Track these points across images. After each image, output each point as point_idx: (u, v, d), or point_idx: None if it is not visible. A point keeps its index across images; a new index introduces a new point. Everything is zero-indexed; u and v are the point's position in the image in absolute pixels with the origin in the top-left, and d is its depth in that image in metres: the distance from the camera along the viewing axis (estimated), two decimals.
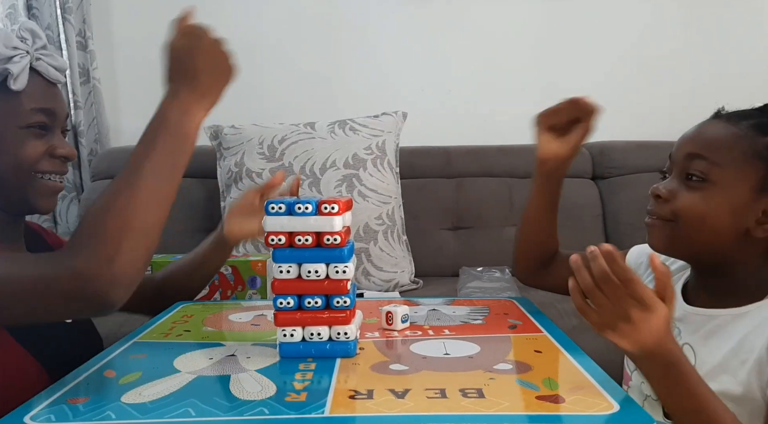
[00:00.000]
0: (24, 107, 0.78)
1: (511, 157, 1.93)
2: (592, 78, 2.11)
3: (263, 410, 0.56)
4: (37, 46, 0.80)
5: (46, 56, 0.80)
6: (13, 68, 0.76)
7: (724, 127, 0.77)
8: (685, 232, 0.77)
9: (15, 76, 0.76)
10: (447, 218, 1.86)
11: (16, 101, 0.77)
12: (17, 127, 0.78)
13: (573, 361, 0.70)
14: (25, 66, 0.77)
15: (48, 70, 0.80)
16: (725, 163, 0.75)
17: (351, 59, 2.06)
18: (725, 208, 0.75)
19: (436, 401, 0.58)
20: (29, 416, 0.56)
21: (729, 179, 0.74)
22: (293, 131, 1.72)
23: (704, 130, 0.79)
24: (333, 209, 0.71)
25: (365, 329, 0.83)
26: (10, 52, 0.76)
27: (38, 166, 0.80)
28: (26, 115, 0.78)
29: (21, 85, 0.77)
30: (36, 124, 0.79)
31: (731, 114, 0.79)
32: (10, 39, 0.76)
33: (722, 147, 0.75)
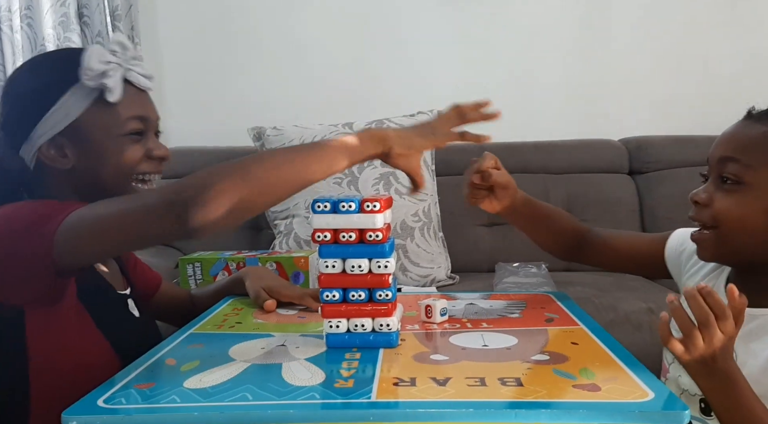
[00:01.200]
0: (121, 117, 0.83)
1: (547, 154, 1.94)
2: (628, 73, 2.09)
3: (314, 395, 0.61)
4: (127, 57, 0.83)
5: (135, 66, 0.84)
6: (109, 82, 0.80)
7: (755, 127, 0.77)
8: (727, 237, 0.78)
9: (111, 90, 0.80)
10: (482, 214, 1.87)
11: (114, 112, 0.82)
12: (117, 136, 0.83)
13: (609, 352, 0.72)
14: (119, 79, 0.82)
15: (138, 79, 0.85)
16: (758, 164, 0.75)
17: (387, 60, 2.09)
18: (761, 209, 0.75)
19: (476, 389, 0.61)
20: (102, 400, 0.61)
21: (763, 180, 0.75)
22: (332, 131, 1.76)
23: (736, 132, 0.79)
24: (375, 207, 0.75)
25: (405, 322, 0.87)
26: (104, 66, 0.80)
27: (138, 168, 0.85)
28: (124, 123, 0.83)
29: (117, 96, 0.81)
30: (133, 132, 0.84)
31: (762, 113, 0.79)
32: (103, 54, 0.81)
33: (754, 148, 0.76)
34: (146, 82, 0.86)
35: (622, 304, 1.41)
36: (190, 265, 1.47)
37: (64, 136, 0.82)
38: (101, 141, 0.83)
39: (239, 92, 2.11)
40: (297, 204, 1.73)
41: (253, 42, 2.10)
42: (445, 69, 2.09)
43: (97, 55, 0.80)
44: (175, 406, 0.59)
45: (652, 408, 0.56)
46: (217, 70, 2.10)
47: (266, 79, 2.10)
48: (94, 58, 0.80)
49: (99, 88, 0.81)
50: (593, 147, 1.97)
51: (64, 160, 0.83)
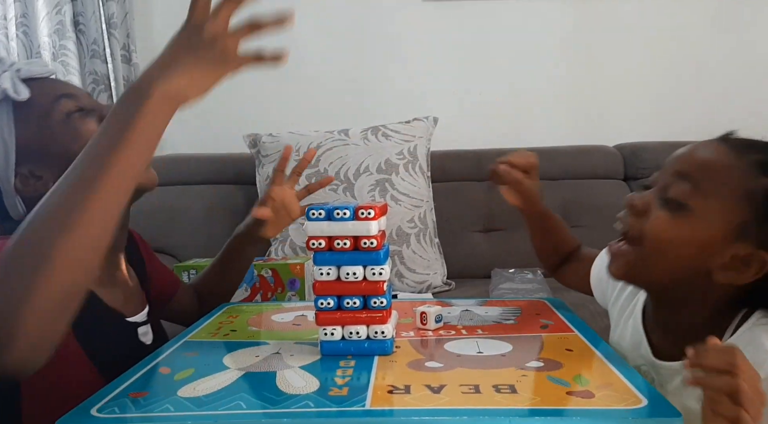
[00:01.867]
0: (48, 104, 0.76)
1: (542, 160, 1.89)
2: (623, 79, 2.10)
3: (308, 403, 0.60)
4: (6, 65, 0.77)
5: (24, 65, 0.78)
6: (4, 82, 0.73)
7: (724, 153, 0.68)
8: (648, 258, 0.71)
9: (9, 88, 0.73)
10: (478, 220, 1.88)
11: (37, 109, 0.76)
12: (61, 123, 0.76)
13: (603, 359, 0.72)
14: (12, 77, 0.75)
15: (32, 69, 0.77)
16: (711, 193, 0.67)
17: (382, 67, 2.10)
18: (694, 241, 0.67)
19: (471, 396, 0.61)
20: (95, 409, 0.60)
21: (708, 212, 0.67)
22: (328, 138, 1.76)
23: (702, 151, 0.71)
24: (369, 214, 0.75)
25: (400, 329, 0.87)
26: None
27: None
28: (56, 106, 0.76)
29: (24, 92, 0.74)
30: (74, 110, 0.77)
31: (740, 141, 0.70)
32: None
33: (715, 175, 0.67)
34: (43, 68, 0.78)
35: None
36: (185, 272, 1.47)
37: (22, 161, 0.76)
38: (53, 141, 0.76)
39: (235, 99, 2.11)
40: None
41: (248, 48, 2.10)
42: (440, 75, 2.10)
43: None
44: (168, 415, 0.59)
45: (646, 415, 0.56)
46: None
47: (262, 86, 2.11)
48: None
49: (4, 99, 0.74)
50: (588, 153, 1.97)
51: (41, 183, 0.76)
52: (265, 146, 1.79)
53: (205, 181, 1.94)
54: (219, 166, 1.95)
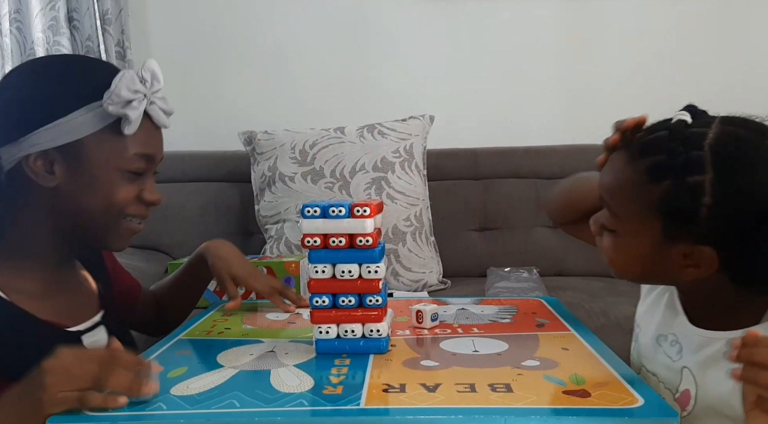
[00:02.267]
0: (129, 151, 0.76)
1: (538, 159, 1.94)
2: (618, 80, 2.10)
3: (302, 402, 0.60)
4: (154, 90, 0.78)
5: (159, 100, 0.79)
6: (132, 114, 0.74)
7: (624, 168, 0.67)
8: (620, 270, 0.72)
9: (131, 122, 0.74)
10: (474, 219, 1.88)
11: (122, 144, 0.76)
12: (117, 170, 0.76)
13: (599, 358, 0.72)
14: (141, 112, 0.75)
15: (159, 115, 0.79)
16: (623, 215, 0.67)
17: (378, 64, 2.09)
18: (637, 256, 0.68)
19: (466, 395, 0.61)
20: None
21: (630, 231, 0.67)
22: (324, 136, 1.76)
23: (610, 173, 0.70)
24: (365, 212, 0.75)
25: (396, 327, 0.87)
26: (131, 95, 0.74)
27: (126, 209, 0.79)
28: (130, 159, 0.77)
29: (134, 129, 0.75)
30: (136, 170, 0.78)
31: (635, 147, 0.67)
32: (133, 82, 0.75)
33: (621, 196, 0.67)
34: (165, 120, 0.80)
35: (613, 309, 1.41)
36: None
37: (59, 152, 0.74)
38: (98, 170, 0.76)
39: (230, 96, 2.10)
40: (288, 209, 1.72)
41: (243, 46, 2.09)
42: (436, 74, 2.10)
43: (128, 82, 0.74)
44: (161, 413, 0.58)
45: (642, 414, 0.56)
46: (207, 74, 2.10)
47: (257, 84, 2.10)
48: (124, 85, 0.74)
49: (117, 115, 0.75)
50: (585, 152, 1.96)
51: (49, 177, 0.75)
52: (261, 144, 1.78)
53: (200, 179, 1.92)
54: (214, 164, 1.94)
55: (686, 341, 0.72)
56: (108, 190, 0.76)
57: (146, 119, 0.77)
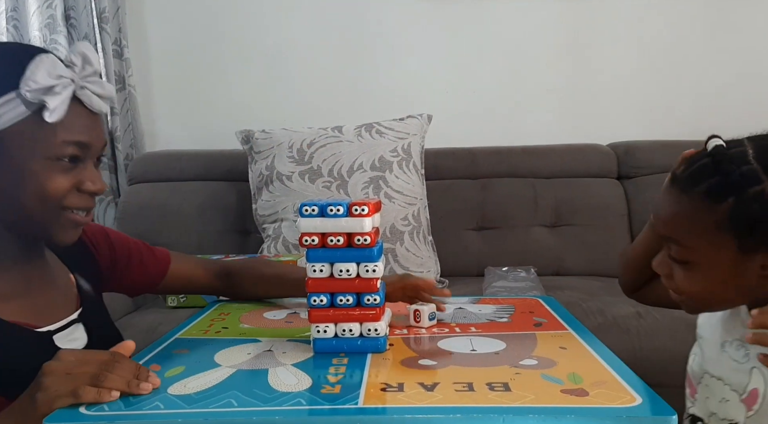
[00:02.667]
0: (56, 139, 0.71)
1: (536, 158, 1.94)
2: (616, 77, 2.10)
3: (300, 401, 0.60)
4: (85, 73, 0.73)
5: (92, 84, 0.74)
6: (51, 102, 0.69)
7: (680, 200, 0.71)
8: (702, 303, 0.75)
9: (52, 110, 0.69)
10: (472, 218, 1.88)
11: (48, 131, 0.71)
12: (45, 158, 0.71)
13: (597, 357, 0.72)
14: (66, 97, 0.71)
15: (91, 99, 0.74)
16: (697, 245, 0.70)
17: (376, 63, 2.09)
18: (717, 280, 0.70)
19: (464, 394, 0.60)
20: (84, 407, 0.60)
21: (706, 257, 0.70)
22: (321, 135, 1.76)
23: (667, 208, 0.73)
24: (363, 211, 0.74)
25: (394, 326, 0.86)
26: (52, 81, 0.70)
27: (64, 201, 0.73)
28: (57, 147, 0.71)
29: (57, 117, 0.70)
30: (66, 157, 0.72)
31: (684, 179, 0.72)
32: (55, 66, 0.70)
33: (687, 229, 0.70)
34: (99, 104, 0.75)
35: (611, 308, 1.41)
36: None
37: None
38: (24, 161, 0.71)
39: (228, 95, 2.10)
40: (286, 208, 1.72)
41: (241, 44, 2.09)
42: (434, 72, 2.10)
43: (47, 67, 0.69)
44: (158, 413, 0.58)
45: (641, 413, 0.56)
46: (205, 73, 2.09)
47: (255, 82, 2.09)
48: (41, 71, 0.69)
49: (39, 105, 0.70)
50: (582, 152, 1.98)
51: None
52: (258, 143, 1.78)
53: (197, 178, 1.92)
54: (211, 163, 1.94)
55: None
56: (38, 181, 0.71)
57: (77, 104, 0.73)
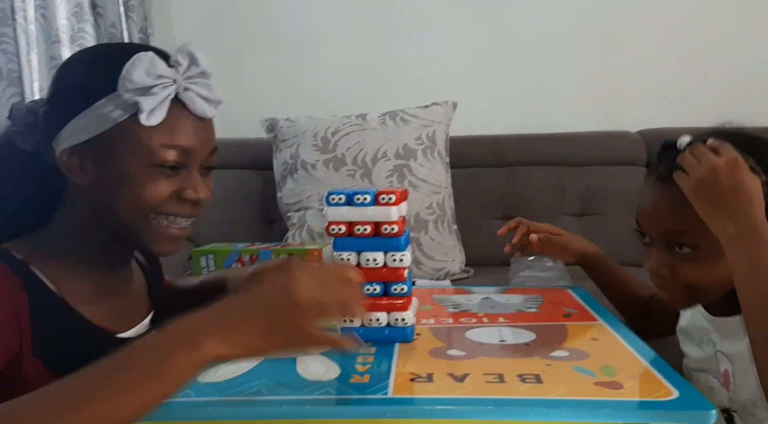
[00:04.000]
0: (155, 143, 0.68)
1: (564, 146, 1.91)
2: (644, 63, 2.05)
3: (330, 391, 0.60)
4: (190, 74, 0.70)
5: (196, 85, 0.71)
6: (146, 103, 0.66)
7: (680, 193, 0.71)
8: (703, 294, 0.77)
9: (146, 111, 0.67)
10: (497, 207, 1.86)
11: (147, 135, 0.68)
12: (144, 164, 0.69)
13: (630, 348, 0.71)
14: (164, 99, 0.68)
15: (194, 101, 0.70)
16: (705, 228, 0.70)
17: (401, 50, 2.07)
18: (725, 264, 0.70)
19: (495, 386, 0.60)
20: None
21: (716, 241, 0.69)
22: (345, 123, 1.75)
23: (666, 204, 0.75)
24: (390, 200, 0.74)
25: (420, 316, 0.86)
26: (151, 81, 0.67)
27: (161, 207, 0.70)
28: (156, 151, 0.68)
29: (156, 120, 0.67)
30: (167, 163, 0.69)
31: (664, 172, 0.74)
32: (154, 66, 0.67)
33: (693, 216, 0.70)
34: (204, 108, 0.71)
35: None
36: (203, 257, 1.47)
37: (89, 146, 0.69)
38: (125, 165, 0.69)
39: (252, 83, 2.10)
40: (310, 196, 1.72)
41: (266, 32, 2.08)
42: (460, 59, 2.07)
43: (146, 66, 0.67)
44: (189, 400, 0.58)
45: (678, 407, 0.55)
46: (230, 61, 2.09)
47: (280, 70, 2.09)
48: (138, 69, 0.66)
49: (132, 103, 0.67)
50: (610, 139, 1.94)
51: (81, 174, 0.70)
52: (283, 131, 1.78)
53: (222, 166, 1.88)
54: (236, 151, 1.94)
55: (714, 331, 0.79)
56: (136, 187, 0.69)
57: (180, 107, 0.70)
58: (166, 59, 0.70)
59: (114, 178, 0.69)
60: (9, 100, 1.68)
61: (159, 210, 0.71)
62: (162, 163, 0.69)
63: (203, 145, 0.73)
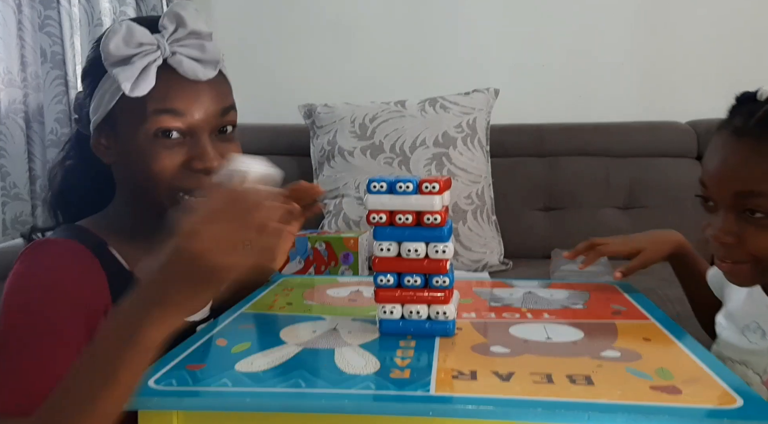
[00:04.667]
0: (148, 110, 0.66)
1: (609, 136, 1.85)
2: (698, 48, 1.97)
3: (369, 385, 0.57)
4: (177, 37, 0.68)
5: (185, 47, 0.68)
6: (121, 75, 0.65)
7: (758, 149, 0.66)
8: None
9: (127, 82, 0.65)
10: (538, 198, 1.81)
11: (140, 104, 0.66)
12: (145, 135, 0.67)
13: (686, 350, 0.67)
14: (147, 66, 0.65)
15: (181, 64, 0.67)
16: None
17: (441, 35, 2.03)
18: None
19: (543, 386, 0.57)
20: (153, 380, 0.59)
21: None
22: (384, 109, 1.72)
23: (741, 160, 0.68)
24: (434, 188, 0.71)
25: (460, 309, 0.83)
26: (130, 50, 0.65)
27: (176, 182, 0.68)
28: (150, 118, 0.66)
29: (141, 90, 0.65)
30: (164, 130, 0.67)
31: (755, 128, 0.67)
32: (131, 34, 0.65)
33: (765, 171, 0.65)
34: (195, 69, 0.68)
35: None
36: None
37: (107, 124, 0.69)
38: (130, 139, 0.68)
39: (291, 68, 2.09)
40: (347, 184, 1.70)
41: (305, 16, 2.07)
42: (500, 45, 2.02)
43: (122, 35, 0.65)
44: (227, 390, 0.57)
45: (743, 416, 0.51)
46: (268, 46, 2.09)
47: (318, 55, 2.07)
48: (113, 42, 0.64)
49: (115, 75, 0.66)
50: (659, 129, 1.87)
51: (108, 153, 0.70)
52: (320, 117, 1.76)
53: (260, 152, 1.88)
54: (273, 137, 1.94)
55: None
56: (145, 160, 0.67)
57: (171, 72, 0.67)
58: (156, 23, 0.68)
59: (126, 154, 0.69)
60: (53, 82, 1.70)
61: (174, 185, 0.68)
62: (159, 131, 0.67)
63: (204, 108, 0.69)
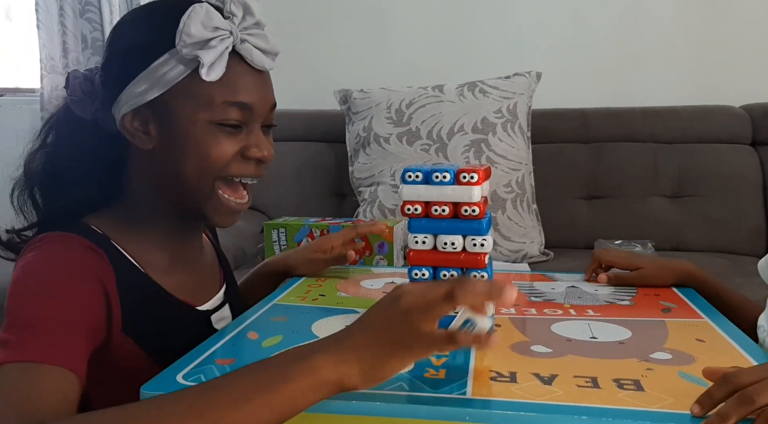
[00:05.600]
0: (215, 100, 0.66)
1: (657, 121, 1.77)
2: (747, 33, 1.86)
3: (402, 385, 0.55)
4: (246, 25, 0.67)
5: (253, 36, 0.68)
6: (206, 56, 0.64)
7: None
8: None
9: (207, 65, 0.64)
10: (582, 186, 1.75)
11: (207, 92, 0.66)
12: (207, 122, 0.67)
13: (745, 354, 0.62)
14: (223, 52, 0.65)
15: (252, 53, 0.67)
16: None
17: (481, 17, 1.97)
18: None
19: (589, 391, 0.53)
20: (181, 375, 0.58)
21: None
22: (421, 95, 1.68)
23: None
24: (472, 179, 0.67)
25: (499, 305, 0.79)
26: (208, 34, 0.64)
27: (226, 169, 0.69)
28: (217, 109, 0.66)
29: (215, 75, 0.65)
30: (228, 122, 0.67)
31: None
32: (210, 17, 0.64)
33: None
34: (262, 60, 0.68)
35: (743, 291, 1.24)
36: (275, 230, 1.46)
37: (150, 108, 0.67)
38: (186, 126, 0.67)
39: (326, 53, 2.06)
40: (382, 171, 1.67)
41: (340, 1, 2.03)
42: (542, 27, 1.95)
43: (202, 17, 0.64)
44: None
45: None
46: (303, 31, 2.06)
47: (353, 40, 2.04)
48: (195, 22, 0.63)
49: (195, 62, 0.65)
50: (710, 114, 1.78)
51: (145, 138, 0.68)
52: (356, 103, 1.74)
53: (295, 138, 1.91)
54: (309, 123, 1.92)
55: None
56: (200, 147, 0.67)
57: (238, 61, 0.67)
58: (220, 11, 0.67)
59: (178, 140, 0.67)
60: None
61: (224, 172, 0.69)
62: (224, 121, 0.67)
63: (264, 101, 0.71)
